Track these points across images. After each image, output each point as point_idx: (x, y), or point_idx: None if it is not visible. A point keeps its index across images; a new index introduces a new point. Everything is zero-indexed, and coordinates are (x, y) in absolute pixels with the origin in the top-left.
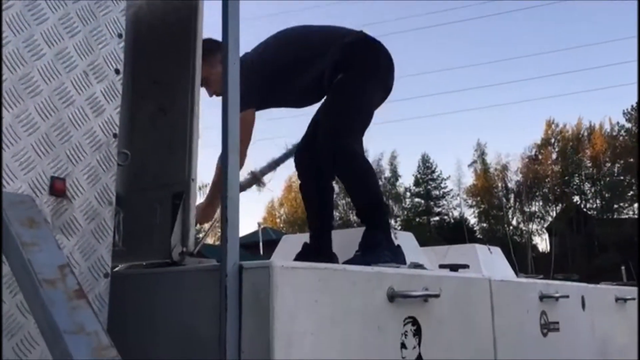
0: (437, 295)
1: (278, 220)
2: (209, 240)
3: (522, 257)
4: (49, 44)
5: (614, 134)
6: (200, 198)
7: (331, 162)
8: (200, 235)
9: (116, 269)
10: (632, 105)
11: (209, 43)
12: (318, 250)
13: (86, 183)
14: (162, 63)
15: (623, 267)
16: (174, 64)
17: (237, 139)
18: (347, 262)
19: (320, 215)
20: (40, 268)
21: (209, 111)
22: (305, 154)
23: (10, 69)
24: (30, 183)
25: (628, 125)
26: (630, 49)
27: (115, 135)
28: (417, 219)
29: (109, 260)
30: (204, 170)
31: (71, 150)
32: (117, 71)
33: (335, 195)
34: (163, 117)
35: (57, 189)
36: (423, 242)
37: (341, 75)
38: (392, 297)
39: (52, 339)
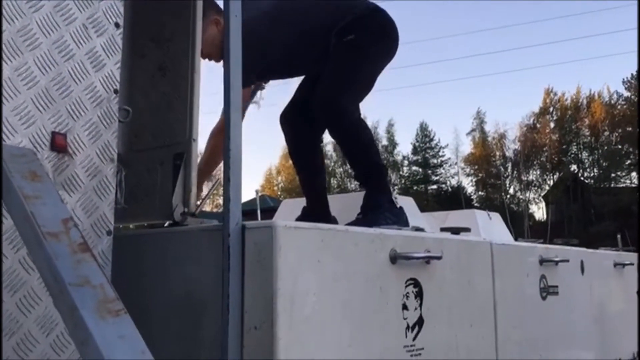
0: (439, 257)
1: (276, 188)
2: (207, 208)
3: (519, 225)
4: None
5: (613, 102)
6: None
7: (329, 122)
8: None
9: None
10: (632, 74)
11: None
12: (317, 213)
13: (87, 139)
14: (161, 21)
15: (619, 235)
16: (174, 22)
17: (239, 96)
18: (350, 223)
19: (313, 176)
20: (43, 221)
21: (210, 76)
22: (295, 117)
23: (8, 20)
24: (31, 138)
25: (627, 94)
26: (630, 16)
27: (116, 91)
28: (415, 187)
29: (112, 218)
30: (207, 135)
31: (72, 106)
32: (117, 25)
33: (332, 163)
34: (163, 77)
35: (58, 144)
36: (421, 210)
37: (352, 36)
38: (395, 258)
39: (57, 292)
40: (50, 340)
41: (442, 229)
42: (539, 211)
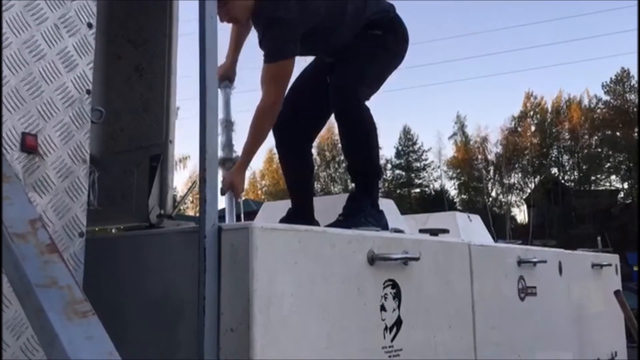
0: (417, 259)
1: (260, 192)
2: (191, 213)
3: (501, 228)
4: None
5: (592, 106)
6: (180, 168)
7: (343, 107)
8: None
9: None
10: (610, 78)
11: None
12: (303, 215)
13: (59, 140)
14: (138, 23)
15: (599, 238)
16: (150, 23)
17: (216, 98)
18: (329, 225)
19: (302, 181)
20: (10, 222)
21: (189, 81)
22: (288, 122)
23: None
24: None
25: (606, 98)
26: (611, 21)
27: (88, 92)
28: (398, 191)
29: (84, 220)
30: (185, 141)
31: (42, 106)
32: (89, 25)
33: (317, 167)
34: (140, 78)
35: (29, 145)
36: (404, 213)
37: (379, 31)
38: (372, 259)
39: (24, 293)
40: (20, 343)
41: (421, 231)
42: (521, 214)
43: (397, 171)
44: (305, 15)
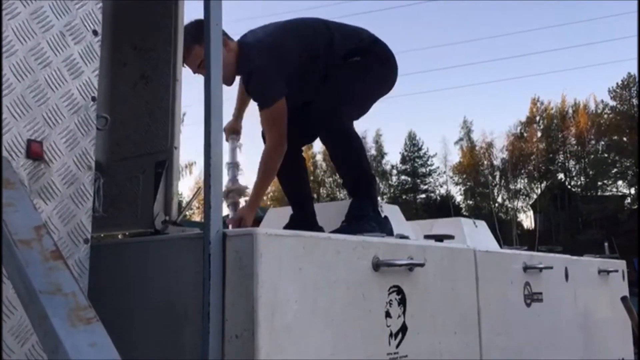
0: (422, 265)
1: (265, 197)
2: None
3: (507, 234)
4: (23, 3)
5: (599, 111)
6: (186, 174)
7: (324, 128)
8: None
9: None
10: (617, 83)
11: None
12: (304, 221)
13: (64, 147)
14: (143, 30)
15: (606, 244)
16: (156, 31)
17: (221, 105)
18: (333, 231)
19: (297, 186)
20: (15, 228)
21: (193, 87)
22: None
23: None
24: (6, 145)
25: (612, 103)
26: (615, 26)
27: (94, 99)
28: (404, 197)
29: (89, 226)
30: (190, 147)
31: (48, 113)
32: (95, 32)
33: (322, 173)
34: (145, 85)
35: (34, 152)
36: (409, 219)
37: (358, 57)
38: (377, 266)
39: (28, 300)
40: (25, 349)
41: (426, 237)
42: (527, 220)
43: (403, 177)
44: (280, 58)
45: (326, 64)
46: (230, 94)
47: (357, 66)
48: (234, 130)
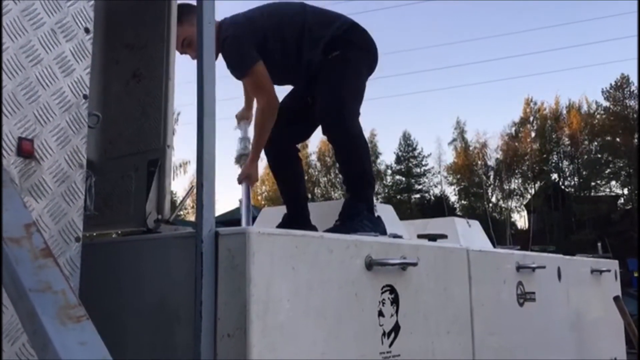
0: (414, 264)
1: (259, 197)
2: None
3: (501, 234)
4: (15, 0)
5: (592, 112)
6: (180, 173)
7: (332, 131)
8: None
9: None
10: (610, 84)
11: (187, 5)
12: (297, 220)
13: (55, 145)
14: (135, 28)
15: (599, 244)
16: (148, 28)
17: (213, 102)
18: (326, 230)
19: (293, 185)
20: (5, 226)
21: (188, 87)
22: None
23: None
24: None
25: (606, 104)
26: (608, 28)
27: (85, 97)
28: (398, 196)
29: (80, 224)
30: (185, 146)
31: (39, 111)
32: (86, 30)
33: (317, 172)
34: (137, 83)
35: (25, 150)
36: (404, 219)
37: (338, 52)
38: (370, 265)
39: (17, 298)
40: (15, 348)
41: (419, 236)
42: (521, 219)
43: (397, 177)
44: (249, 28)
45: (300, 46)
46: (229, 94)
47: (342, 61)
48: (243, 117)
